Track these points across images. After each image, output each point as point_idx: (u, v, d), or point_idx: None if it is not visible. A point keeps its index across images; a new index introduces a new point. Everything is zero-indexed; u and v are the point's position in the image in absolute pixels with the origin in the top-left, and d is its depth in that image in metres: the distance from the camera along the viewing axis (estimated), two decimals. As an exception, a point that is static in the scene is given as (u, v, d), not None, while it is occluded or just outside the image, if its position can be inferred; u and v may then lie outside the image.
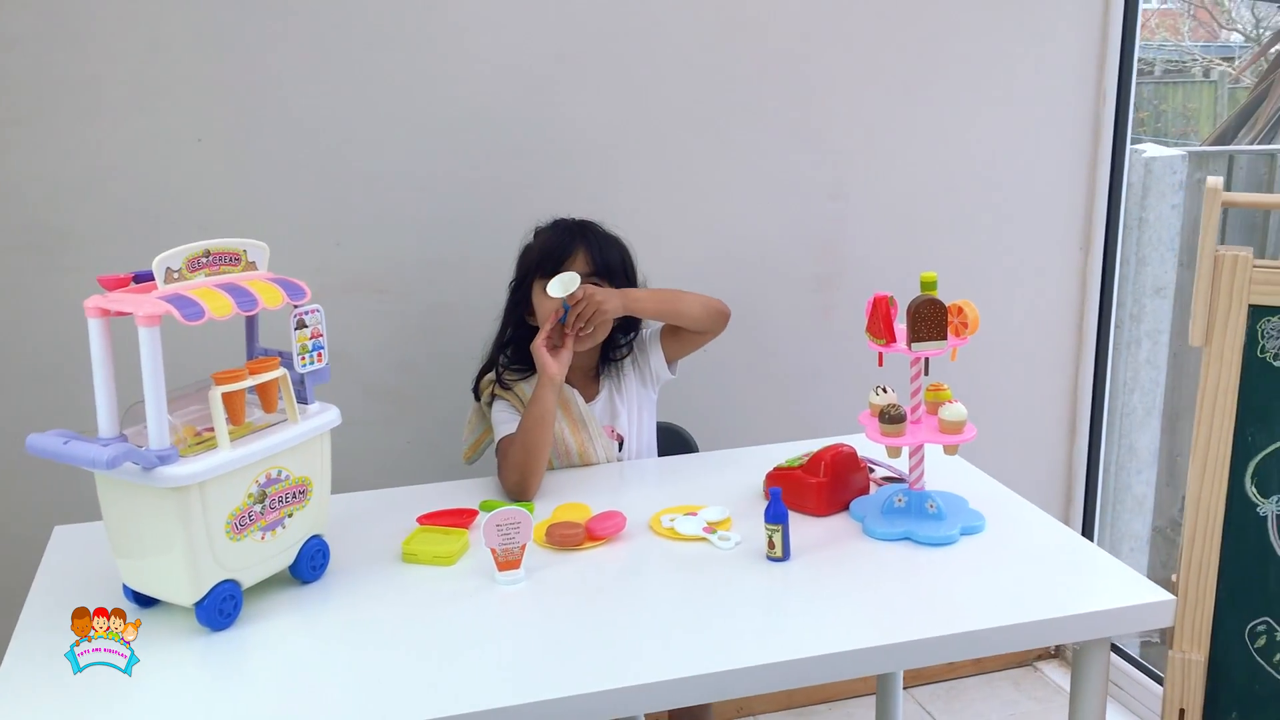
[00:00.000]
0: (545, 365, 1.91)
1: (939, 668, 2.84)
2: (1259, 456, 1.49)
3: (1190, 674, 1.53)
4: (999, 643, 1.53)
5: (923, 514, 1.75)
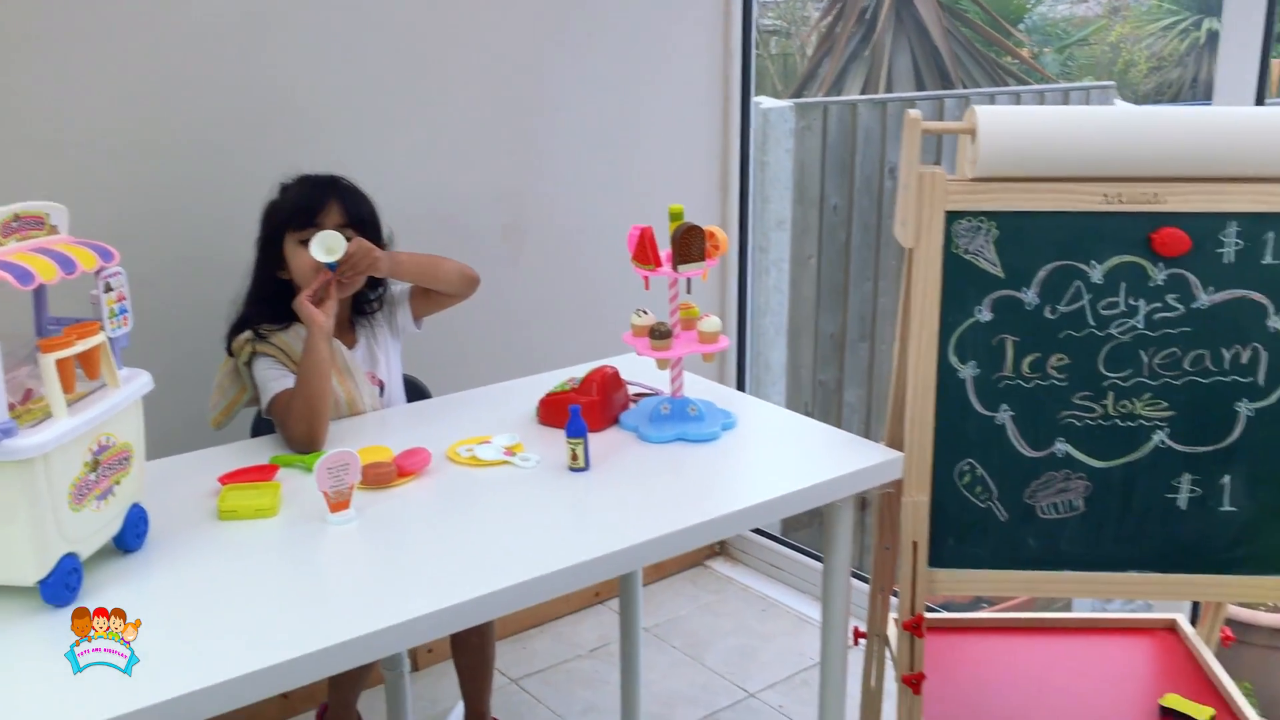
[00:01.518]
0: (314, 317, 1.92)
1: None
2: (957, 332, 1.88)
3: (919, 513, 1.90)
4: (782, 508, 1.82)
5: (686, 417, 2.00)
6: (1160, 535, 1.91)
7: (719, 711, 2.69)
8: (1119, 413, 1.89)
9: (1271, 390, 1.86)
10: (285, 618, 1.43)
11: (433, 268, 2.12)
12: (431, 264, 2.13)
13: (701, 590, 3.21)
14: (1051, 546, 1.93)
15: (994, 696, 2.09)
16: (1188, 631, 2.23)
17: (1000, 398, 1.90)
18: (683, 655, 2.91)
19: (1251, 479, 1.88)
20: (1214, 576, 1.92)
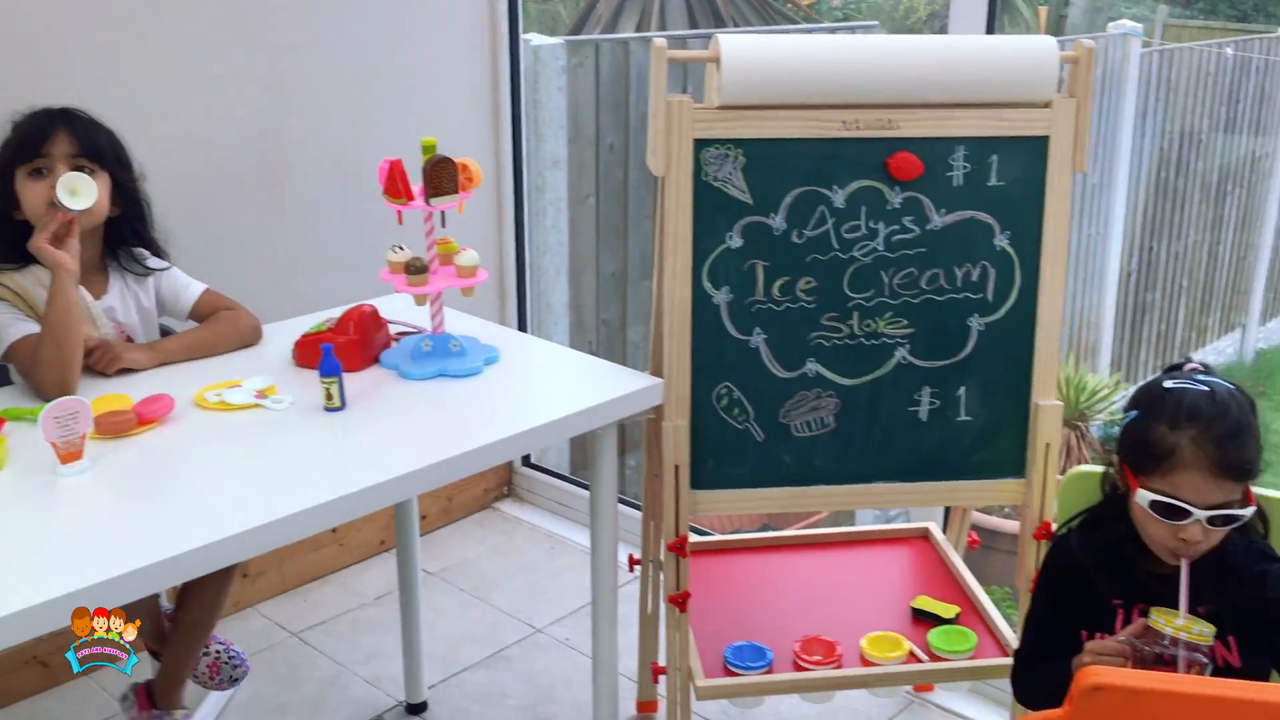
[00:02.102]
0: (59, 260, 1.81)
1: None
2: (710, 258, 1.92)
3: (680, 437, 1.94)
4: (542, 437, 1.84)
5: (448, 353, 1.98)
6: (905, 446, 2.01)
7: (506, 649, 2.70)
8: (863, 332, 1.97)
9: (999, 305, 1.97)
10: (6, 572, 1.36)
11: (208, 348, 2.02)
12: (207, 345, 2.02)
13: (490, 532, 3.21)
14: (806, 463, 2.01)
15: (759, 609, 2.18)
16: (939, 539, 2.37)
17: (753, 321, 1.95)
18: (470, 597, 2.91)
19: (984, 389, 2.00)
20: (955, 482, 2.03)
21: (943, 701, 2.48)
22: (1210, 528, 1.50)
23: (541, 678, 2.60)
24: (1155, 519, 1.52)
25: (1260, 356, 5.92)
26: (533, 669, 2.63)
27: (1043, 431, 1.99)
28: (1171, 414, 1.51)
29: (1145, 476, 1.53)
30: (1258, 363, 5.89)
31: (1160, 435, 1.51)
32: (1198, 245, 5.54)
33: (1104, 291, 5.14)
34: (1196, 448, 1.48)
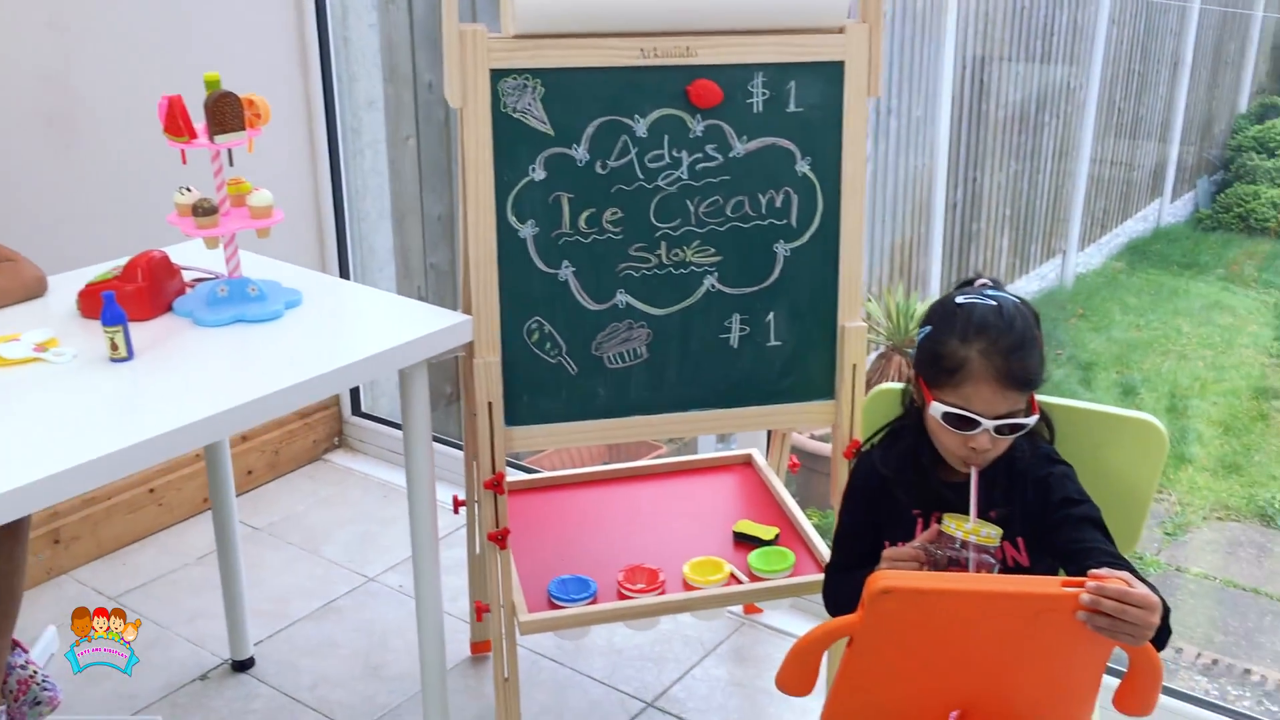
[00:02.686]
0: None
1: (239, 479, 3.02)
2: (514, 191, 1.89)
3: (491, 373, 1.92)
4: (350, 377, 1.80)
5: (246, 298, 1.91)
6: (717, 374, 2.04)
7: (337, 600, 2.66)
8: (672, 261, 1.98)
9: (803, 231, 2.00)
10: None
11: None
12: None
13: (320, 484, 3.15)
14: (621, 395, 2.01)
15: (583, 543, 2.19)
16: (761, 464, 2.42)
17: (561, 254, 1.94)
18: (299, 550, 2.84)
19: (792, 314, 2.03)
20: (767, 407, 2.07)
21: (771, 621, 2.55)
22: (998, 436, 1.56)
23: (374, 626, 2.57)
24: (947, 430, 1.57)
25: (1080, 281, 6.20)
26: (364, 618, 2.60)
27: (849, 353, 2.03)
28: (961, 328, 1.57)
29: (938, 389, 1.58)
30: (1077, 287, 6.17)
31: (951, 349, 1.56)
32: (1018, 175, 5.75)
33: (932, 221, 5.29)
34: (984, 360, 1.54)
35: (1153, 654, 1.41)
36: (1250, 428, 4.77)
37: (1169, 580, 3.86)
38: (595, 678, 2.41)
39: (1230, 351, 5.37)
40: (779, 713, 2.31)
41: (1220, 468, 4.51)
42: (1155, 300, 5.92)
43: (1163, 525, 4.20)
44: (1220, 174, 6.54)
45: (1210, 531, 4.21)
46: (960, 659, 1.45)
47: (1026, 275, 5.94)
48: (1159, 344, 5.45)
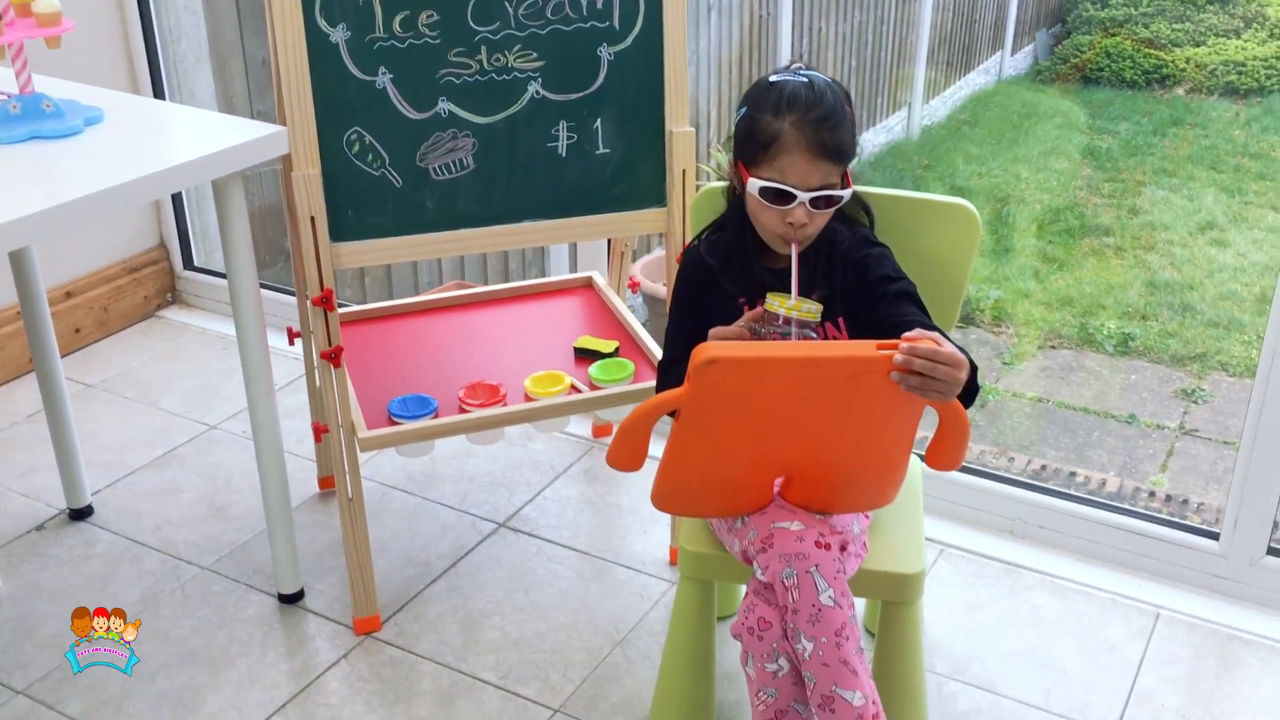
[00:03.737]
0: None
1: (67, 338, 2.91)
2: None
3: (311, 186, 1.87)
4: (159, 186, 1.73)
5: (41, 114, 1.80)
6: (546, 184, 2.02)
7: (177, 448, 2.60)
8: (493, 67, 1.94)
9: (627, 33, 1.98)
10: None
11: None
12: None
13: (155, 340, 3.05)
14: (449, 207, 1.99)
15: (423, 365, 2.18)
16: (601, 285, 2.43)
17: (377, 60, 1.88)
18: (136, 404, 2.76)
19: (619, 121, 2.02)
20: (598, 216, 2.07)
21: (619, 443, 2.59)
22: (814, 210, 1.60)
23: (217, 470, 2.53)
24: (765, 206, 1.60)
25: (925, 133, 6.32)
26: (207, 463, 2.55)
27: (678, 158, 2.04)
28: (774, 104, 1.59)
29: (755, 167, 1.60)
30: (923, 139, 6.29)
31: (765, 124, 1.59)
32: (862, 26, 5.78)
33: (780, 63, 5.30)
34: (797, 131, 1.57)
35: (960, 411, 1.48)
36: (1082, 263, 4.99)
37: (1006, 405, 4.06)
38: (446, 504, 2.43)
39: (1065, 194, 5.58)
40: (627, 524, 2.37)
41: (1054, 301, 4.72)
42: (996, 150, 6.08)
43: (1001, 356, 4.39)
44: (1058, 26, 6.70)
45: (1044, 359, 4.41)
46: (783, 426, 1.50)
47: (874, 128, 6.02)
48: (1000, 189, 5.62)
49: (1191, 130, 5.95)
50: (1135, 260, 4.94)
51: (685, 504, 1.64)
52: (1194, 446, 3.70)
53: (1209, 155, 5.78)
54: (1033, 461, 3.53)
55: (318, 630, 2.09)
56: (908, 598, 1.71)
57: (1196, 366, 4.20)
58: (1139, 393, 4.06)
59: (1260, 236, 5.12)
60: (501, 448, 2.58)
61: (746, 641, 1.57)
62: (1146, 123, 6.00)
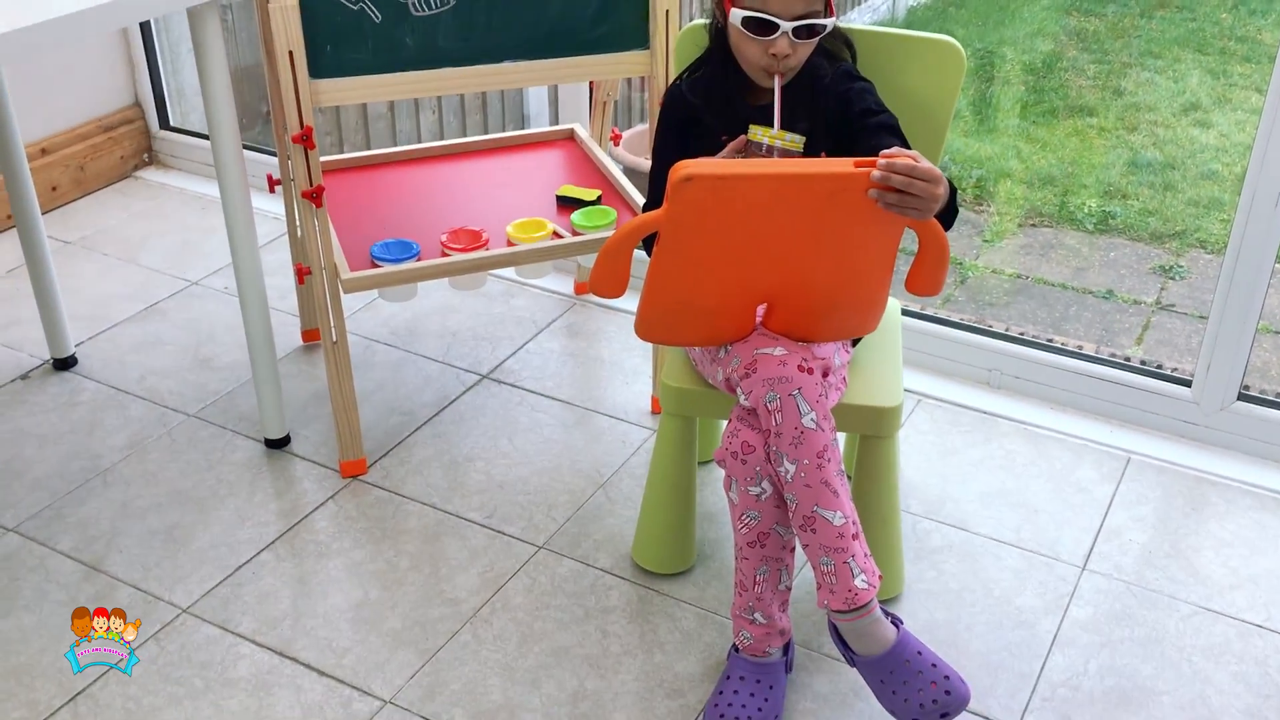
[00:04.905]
0: None
1: (45, 196, 2.88)
2: None
3: (289, 18, 1.83)
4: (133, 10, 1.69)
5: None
6: (528, 22, 1.98)
7: (160, 302, 2.60)
8: (474, -103, 1.89)
9: None
10: None
11: None
12: None
13: (133, 200, 3.02)
14: (429, 44, 1.95)
15: (407, 212, 2.18)
16: (584, 137, 2.41)
17: (354, -112, 1.83)
18: (116, 260, 2.75)
19: (602, -43, 1.98)
20: (581, 58, 2.04)
21: (602, 300, 2.61)
22: (796, 40, 1.58)
23: (200, 324, 2.53)
24: (748, 37, 1.59)
25: (910, 12, 6.24)
26: (190, 317, 2.55)
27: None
28: None
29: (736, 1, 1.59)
30: (908, 19, 6.21)
31: None
32: (850, -102, 5.66)
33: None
34: None
35: (939, 231, 1.49)
36: (1065, 143, 4.97)
37: (985, 281, 4.08)
38: (430, 357, 2.44)
39: (1051, 75, 5.53)
40: (610, 376, 2.39)
41: (1036, 180, 4.72)
42: (983, 31, 6.01)
43: (981, 234, 4.40)
44: (1049, -95, 6.57)
45: (1024, 237, 4.42)
46: (762, 248, 1.51)
47: (858, 8, 5.93)
48: (984, 71, 5.56)
49: (1179, 14, 5.89)
50: (1118, 140, 4.93)
51: (668, 332, 1.66)
52: (1170, 320, 3.74)
53: (1195, 38, 5.73)
54: (1010, 330, 3.57)
55: (305, 473, 2.12)
56: (885, 431, 1.75)
57: (1175, 244, 4.22)
58: (1117, 269, 4.09)
59: (1243, 118, 5.10)
60: (484, 303, 2.59)
61: (730, 466, 1.60)
62: (1134, 5, 5.94)
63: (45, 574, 1.84)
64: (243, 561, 1.92)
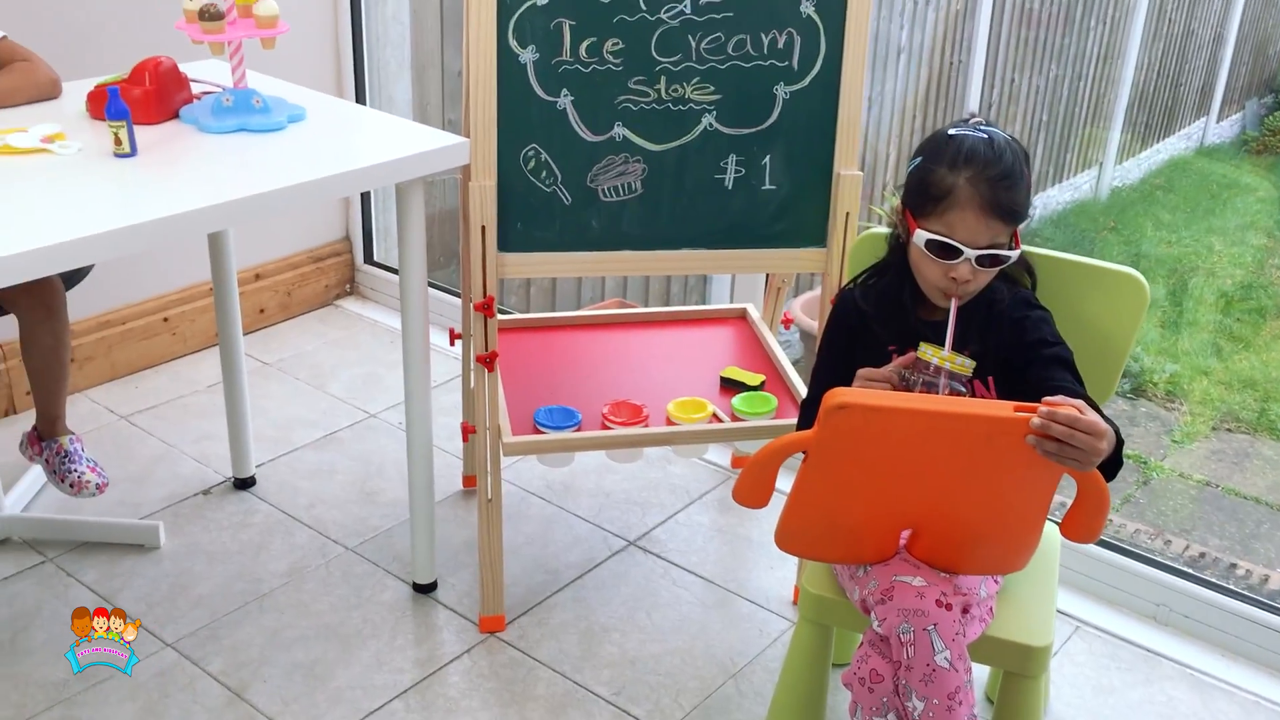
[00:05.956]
0: None
1: (251, 317, 3.09)
2: (515, 15, 1.90)
3: (486, 197, 1.95)
4: (349, 184, 1.85)
5: (250, 109, 1.94)
6: (710, 213, 2.05)
7: (338, 431, 2.74)
8: (671, 97, 1.99)
9: (805, 74, 2.00)
10: None
11: (4, 97, 1.97)
12: (3, 96, 1.97)
13: (330, 328, 3.21)
14: (613, 228, 2.04)
15: (573, 379, 2.24)
16: (755, 318, 2.45)
17: (560, 82, 1.95)
18: (306, 385, 2.92)
19: (788, 158, 2.04)
20: (758, 250, 2.09)
21: (757, 476, 2.60)
22: (979, 268, 1.58)
23: (372, 457, 2.65)
24: (930, 258, 1.60)
25: (1115, 194, 6.12)
26: (364, 449, 2.68)
27: (843, 200, 2.04)
28: (951, 157, 1.58)
29: (924, 218, 1.60)
30: (1111, 200, 6.08)
31: (939, 177, 1.58)
32: (1058, 80, 5.64)
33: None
34: (971, 188, 1.55)
35: (1099, 481, 1.44)
36: (1271, 345, 4.74)
37: (1169, 485, 3.88)
38: (581, 516, 2.48)
39: (1262, 272, 5.31)
40: (755, 558, 2.38)
41: (1236, 382, 4.50)
42: (1190, 218, 5.84)
43: (1171, 433, 4.21)
44: (1271, 97, 6.39)
45: (1217, 441, 4.21)
46: (913, 478, 1.49)
47: (1059, 184, 5.86)
48: (1188, 260, 5.39)
49: (1407, 218, 5.59)
50: (1331, 348, 4.67)
51: (808, 546, 1.64)
52: (1373, 554, 3.47)
53: None
54: (1191, 547, 3.37)
55: (445, 622, 2.17)
56: (1031, 671, 1.67)
57: (1388, 468, 3.94)
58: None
59: None
60: (639, 467, 2.63)
61: (857, 692, 1.56)
62: (1359, 205, 5.67)
63: (193, 695, 1.93)
64: (376, 707, 1.97)
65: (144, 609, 2.13)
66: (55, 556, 2.27)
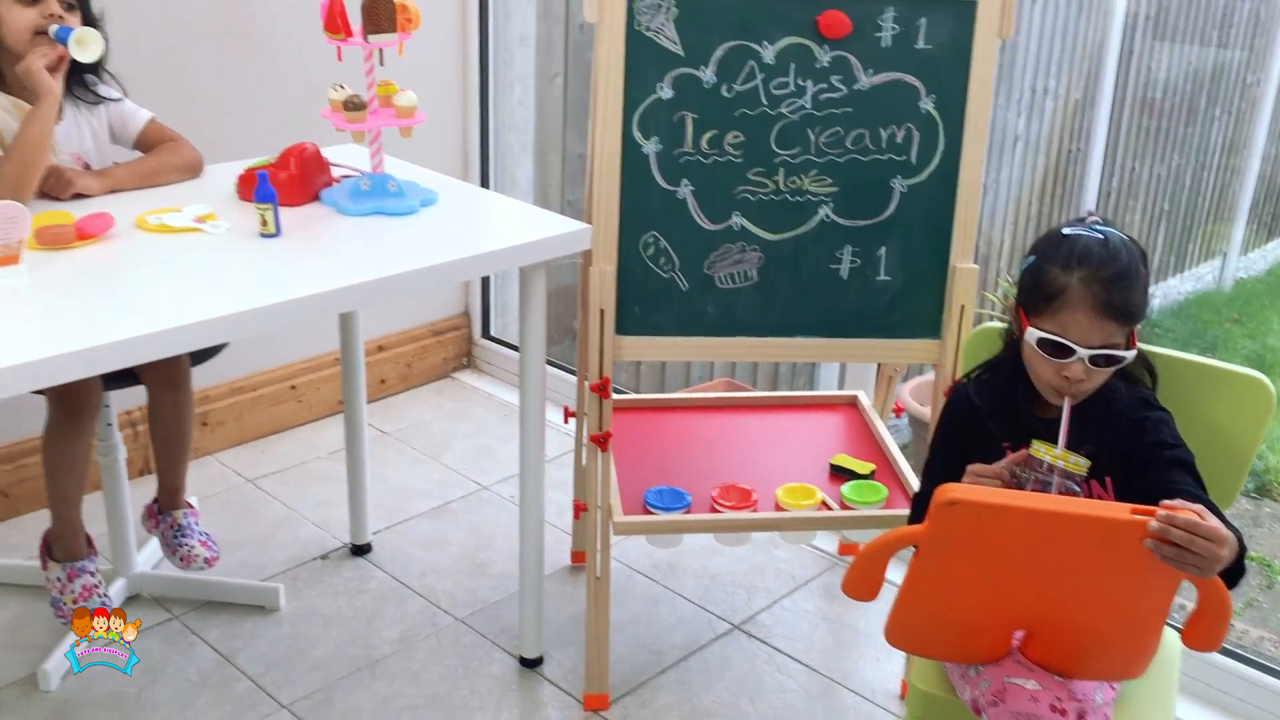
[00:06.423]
0: (50, 86, 1.91)
1: (373, 387, 3.20)
2: (640, 108, 1.97)
3: (605, 282, 2.01)
4: (476, 267, 1.94)
5: (386, 193, 2.04)
6: (825, 303, 2.08)
7: (451, 502, 2.81)
8: (789, 188, 2.03)
9: (923, 168, 2.03)
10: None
11: (154, 176, 2.11)
12: (152, 175, 2.11)
13: (447, 399, 3.30)
14: (728, 314, 2.08)
15: (684, 460, 2.27)
16: (865, 405, 2.46)
17: (681, 173, 2.01)
18: (422, 455, 3.00)
19: (904, 250, 2.06)
20: (872, 340, 2.11)
21: (865, 564, 2.58)
22: (1093, 367, 1.57)
23: (483, 528, 2.70)
24: (1042, 357, 1.59)
25: (1239, 285, 5.95)
26: (475, 520, 2.73)
27: (959, 293, 2.05)
28: (1065, 257, 1.58)
29: (1036, 317, 1.60)
30: (1236, 291, 5.92)
31: (1052, 276, 1.58)
32: (1180, 169, 5.55)
33: (1081, 210, 5.16)
34: (1084, 288, 1.55)
35: (1221, 589, 1.41)
36: None
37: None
38: (686, 597, 2.49)
39: (1402, 365, 5.10)
40: (862, 649, 2.35)
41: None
42: (1324, 307, 5.65)
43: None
44: None
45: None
46: (1026, 579, 1.48)
47: (1181, 275, 5.73)
48: (1328, 339, 5.21)
49: None
50: None
51: (918, 643, 1.63)
52: None
53: None
54: (1320, 659, 3.22)
55: (550, 699, 2.19)
56: (1148, 781, 1.62)
57: None
58: None
59: None
60: (747, 550, 2.63)
61: (966, 792, 1.53)
62: None
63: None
64: (478, 779, 1.99)
65: (262, 669, 2.21)
66: (181, 614, 2.37)
